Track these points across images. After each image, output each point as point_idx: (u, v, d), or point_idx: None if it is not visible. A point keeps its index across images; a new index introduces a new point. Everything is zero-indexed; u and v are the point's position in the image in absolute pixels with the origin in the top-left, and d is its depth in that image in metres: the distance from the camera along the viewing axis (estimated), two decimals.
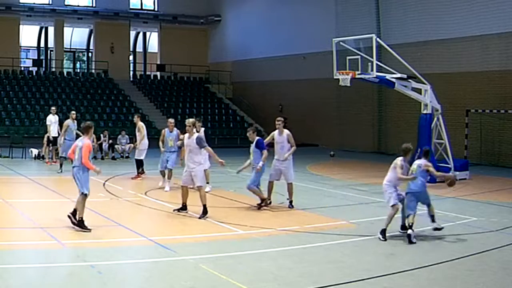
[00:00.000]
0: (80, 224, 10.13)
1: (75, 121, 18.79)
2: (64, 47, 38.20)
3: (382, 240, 9.86)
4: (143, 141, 17.25)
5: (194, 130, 11.96)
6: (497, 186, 17.77)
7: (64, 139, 18.22)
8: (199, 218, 11.43)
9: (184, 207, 11.94)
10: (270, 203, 13.05)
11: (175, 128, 15.58)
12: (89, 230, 10.07)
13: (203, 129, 13.45)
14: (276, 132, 13.05)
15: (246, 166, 12.89)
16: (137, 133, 17.49)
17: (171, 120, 15.89)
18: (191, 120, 12.07)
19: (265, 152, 12.35)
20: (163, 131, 15.92)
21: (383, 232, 9.98)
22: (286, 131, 12.99)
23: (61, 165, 18.19)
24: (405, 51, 21.15)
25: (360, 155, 27.61)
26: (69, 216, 10.22)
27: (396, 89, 18.01)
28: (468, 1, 23.73)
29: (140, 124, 17.52)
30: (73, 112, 19.60)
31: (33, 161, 21.62)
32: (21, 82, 33.78)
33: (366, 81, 18.13)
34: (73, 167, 10.47)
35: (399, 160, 10.48)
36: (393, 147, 28.02)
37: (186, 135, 11.88)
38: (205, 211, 11.50)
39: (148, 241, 9.58)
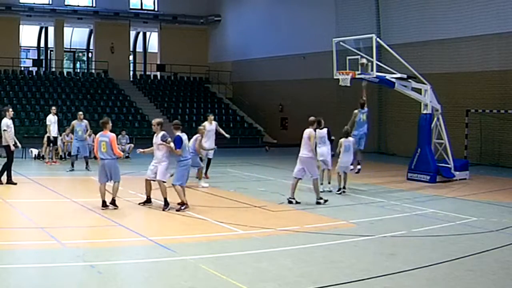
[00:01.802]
0: (113, 202, 12.14)
1: (83, 121, 19.62)
2: (64, 47, 38.20)
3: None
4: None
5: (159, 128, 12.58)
6: (497, 186, 17.77)
7: (75, 139, 19.16)
8: (163, 210, 12.12)
9: (149, 200, 12.77)
10: (292, 202, 13.29)
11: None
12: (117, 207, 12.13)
13: (325, 129, 15.46)
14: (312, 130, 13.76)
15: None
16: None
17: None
18: (157, 120, 12.78)
19: (179, 150, 12.27)
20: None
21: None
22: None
23: (72, 164, 18.81)
24: (405, 51, 21.14)
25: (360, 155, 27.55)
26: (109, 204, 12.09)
27: (396, 89, 18.01)
28: (468, 1, 23.73)
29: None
30: (80, 112, 20.37)
31: (33, 161, 21.62)
32: (21, 82, 33.78)
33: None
34: (104, 159, 12.10)
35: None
36: (393, 147, 28.09)
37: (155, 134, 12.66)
38: (166, 203, 12.29)
39: (148, 241, 9.58)
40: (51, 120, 20.65)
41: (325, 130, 15.40)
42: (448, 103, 21.42)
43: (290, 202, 13.32)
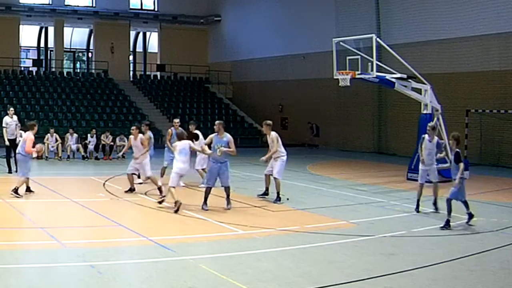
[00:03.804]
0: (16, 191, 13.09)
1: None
2: (64, 47, 38.23)
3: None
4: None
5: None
6: (497, 186, 17.78)
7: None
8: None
9: (133, 189, 14.33)
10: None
11: (180, 128, 16.06)
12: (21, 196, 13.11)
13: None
14: (427, 137, 13.20)
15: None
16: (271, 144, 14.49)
17: (177, 120, 16.52)
18: (140, 125, 14.88)
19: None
20: (170, 130, 16.36)
21: None
22: (436, 138, 13.30)
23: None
24: (405, 51, 21.15)
25: (360, 155, 27.60)
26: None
27: (396, 89, 18.01)
28: (468, 1, 23.75)
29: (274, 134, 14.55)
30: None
31: (33, 160, 21.55)
32: (21, 82, 33.79)
33: (366, 81, 18.14)
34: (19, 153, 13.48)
35: None
36: (393, 147, 28.08)
37: (132, 137, 14.53)
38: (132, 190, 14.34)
39: (148, 241, 9.58)
40: None
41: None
42: (448, 103, 21.42)
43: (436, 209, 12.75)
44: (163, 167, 15.96)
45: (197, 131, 16.32)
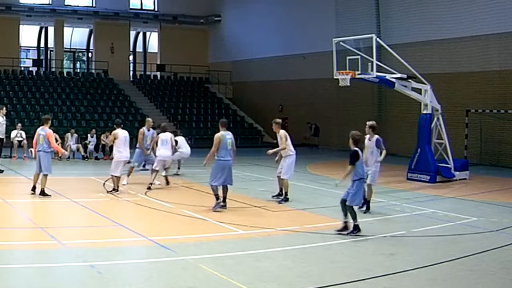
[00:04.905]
0: (43, 193, 13.26)
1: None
2: (64, 47, 38.23)
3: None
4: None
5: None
6: (497, 186, 17.77)
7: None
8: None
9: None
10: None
11: (151, 128, 16.98)
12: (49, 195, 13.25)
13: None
14: (367, 137, 13.03)
15: None
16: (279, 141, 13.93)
17: (150, 120, 17.28)
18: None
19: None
20: (142, 130, 16.76)
21: None
22: (376, 136, 12.93)
23: None
24: (405, 51, 21.14)
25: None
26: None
27: (396, 89, 18.01)
28: (468, 1, 23.75)
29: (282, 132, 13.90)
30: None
31: (34, 160, 21.55)
32: (21, 82, 33.78)
33: (366, 81, 18.13)
34: (39, 151, 13.50)
35: None
36: (393, 147, 28.06)
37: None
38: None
39: (148, 241, 9.58)
40: None
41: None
42: (448, 103, 21.42)
43: None
44: (131, 167, 16.43)
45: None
